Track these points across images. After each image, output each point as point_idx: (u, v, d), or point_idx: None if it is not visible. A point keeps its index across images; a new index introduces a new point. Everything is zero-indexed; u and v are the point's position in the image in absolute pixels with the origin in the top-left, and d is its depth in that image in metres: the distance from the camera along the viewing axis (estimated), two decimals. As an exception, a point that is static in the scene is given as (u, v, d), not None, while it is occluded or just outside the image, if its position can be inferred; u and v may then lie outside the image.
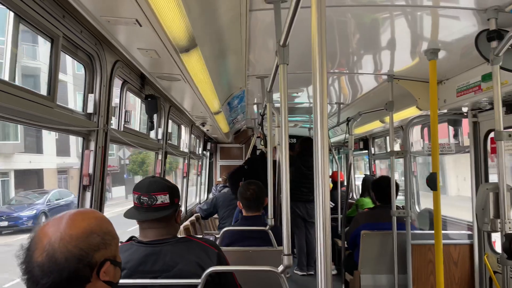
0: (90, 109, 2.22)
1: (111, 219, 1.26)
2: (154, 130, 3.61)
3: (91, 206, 2.20)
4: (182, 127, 5.28)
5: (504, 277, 2.56)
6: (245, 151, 7.98)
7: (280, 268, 1.80)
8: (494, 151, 3.34)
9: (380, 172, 7.16)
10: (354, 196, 7.32)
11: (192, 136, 5.83)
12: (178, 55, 2.18)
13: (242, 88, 4.14)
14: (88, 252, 1.12)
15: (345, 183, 6.19)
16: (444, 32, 2.44)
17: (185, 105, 4.16)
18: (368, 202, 5.47)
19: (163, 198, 1.78)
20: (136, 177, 30.17)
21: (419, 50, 2.75)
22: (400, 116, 4.02)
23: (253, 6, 2.09)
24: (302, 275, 5.63)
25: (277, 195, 4.11)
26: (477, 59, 2.53)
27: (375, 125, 5.19)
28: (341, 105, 5.03)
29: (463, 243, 3.52)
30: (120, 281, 1.65)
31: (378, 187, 4.02)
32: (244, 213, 3.05)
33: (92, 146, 2.24)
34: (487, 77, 2.66)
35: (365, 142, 6.85)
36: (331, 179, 7.12)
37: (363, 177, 6.50)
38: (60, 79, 1.99)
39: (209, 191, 7.90)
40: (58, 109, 1.87)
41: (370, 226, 3.74)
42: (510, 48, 2.07)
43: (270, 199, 2.90)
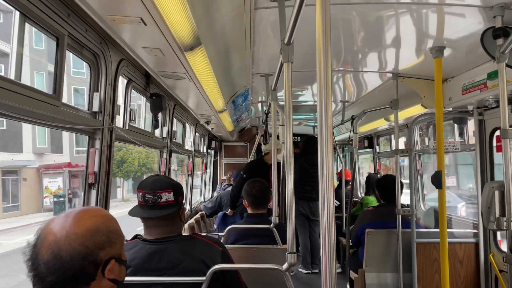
0: (96, 108, 2.23)
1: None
2: (159, 129, 3.62)
3: (97, 204, 2.22)
4: (187, 126, 5.29)
5: (510, 276, 2.55)
6: (250, 149, 7.99)
7: (285, 266, 1.80)
8: (500, 149, 3.32)
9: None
10: (359, 195, 7.31)
11: (197, 135, 5.84)
12: (183, 54, 2.18)
13: (247, 87, 4.14)
14: (94, 250, 1.13)
15: (350, 182, 6.19)
16: (450, 30, 2.42)
17: (190, 104, 4.16)
18: (373, 201, 5.46)
19: (168, 196, 1.79)
20: (113, 180, 26.30)
21: (424, 48, 2.74)
22: (405, 114, 4.00)
23: (258, 4, 2.09)
24: (307, 273, 5.63)
25: (282, 194, 4.11)
26: (483, 57, 2.52)
27: (380, 123, 5.17)
28: (346, 103, 5.02)
29: (469, 242, 3.50)
30: (126, 279, 1.67)
31: (382, 186, 4.01)
32: (250, 211, 3.05)
33: (98, 145, 2.25)
34: (493, 75, 2.64)
35: (370, 140, 6.83)
36: (337, 177, 7.12)
37: (367, 175, 6.49)
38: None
39: (214, 189, 7.92)
40: (64, 108, 1.88)
41: (375, 225, 3.74)
42: (517, 46, 2.05)
43: (275, 198, 2.91)
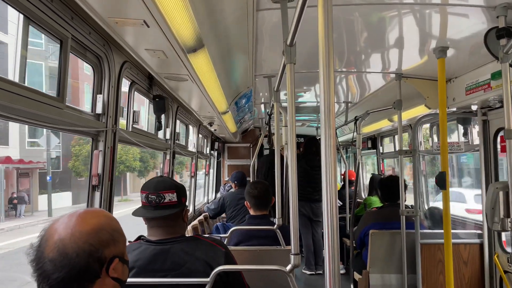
0: (99, 110, 2.24)
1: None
2: (162, 130, 3.63)
3: (100, 206, 2.22)
4: (190, 127, 5.30)
5: (515, 277, 2.53)
6: (253, 151, 7.99)
7: (289, 267, 1.80)
8: (504, 150, 3.31)
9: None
10: (363, 195, 7.29)
11: (200, 136, 5.85)
12: (186, 56, 2.19)
13: (250, 88, 4.14)
14: (98, 248, 1.15)
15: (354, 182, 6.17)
16: (453, 30, 2.42)
17: (193, 105, 4.17)
18: (376, 201, 5.45)
19: (171, 197, 1.80)
20: (81, 181, 20.84)
21: (428, 48, 2.74)
22: (409, 115, 4.00)
23: (260, 6, 2.09)
24: (311, 274, 5.63)
25: (285, 194, 4.10)
26: (486, 57, 2.51)
27: (383, 124, 5.16)
28: (349, 104, 5.01)
29: (473, 243, 3.48)
30: (130, 280, 1.67)
31: (385, 187, 4.00)
32: (252, 212, 3.05)
33: (101, 147, 2.25)
34: (497, 75, 2.63)
35: (373, 141, 6.81)
36: (342, 177, 7.10)
37: (371, 176, 6.47)
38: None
39: (217, 191, 7.92)
40: (67, 110, 1.88)
41: (379, 225, 3.73)
42: (520, 46, 2.04)
43: (278, 198, 2.91)
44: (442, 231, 2.87)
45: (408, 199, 4.47)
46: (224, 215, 5.23)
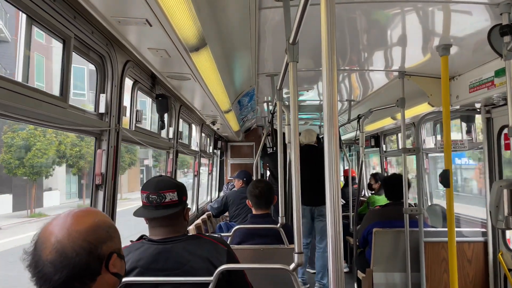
0: (102, 109, 2.24)
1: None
2: (165, 129, 3.63)
3: (104, 205, 2.23)
4: (193, 126, 5.30)
5: (519, 275, 2.52)
6: (256, 149, 7.99)
7: (292, 266, 1.80)
8: (508, 147, 3.30)
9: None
10: (366, 194, 7.28)
11: (203, 135, 5.85)
12: (188, 55, 2.19)
13: (252, 86, 4.14)
14: (97, 245, 1.16)
15: (357, 181, 6.17)
16: (456, 28, 2.41)
17: (196, 104, 4.18)
18: (379, 200, 5.44)
19: (172, 196, 1.80)
20: (16, 181, 16.90)
21: (431, 46, 2.72)
22: (412, 113, 3.98)
23: (263, 4, 2.09)
24: (314, 273, 5.62)
25: (288, 193, 4.10)
26: (490, 54, 2.50)
27: (387, 122, 5.15)
28: (352, 102, 5.00)
29: (477, 241, 3.47)
30: (133, 279, 1.68)
31: (389, 185, 3.99)
32: (254, 212, 3.05)
33: (104, 146, 2.26)
34: (500, 73, 2.62)
35: (377, 139, 6.80)
36: (343, 176, 7.09)
37: (375, 174, 6.46)
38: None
39: (220, 189, 7.93)
40: (71, 110, 1.89)
41: (382, 224, 3.72)
42: (524, 43, 2.03)
43: (281, 197, 2.90)
44: (446, 229, 2.86)
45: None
46: (227, 214, 5.24)
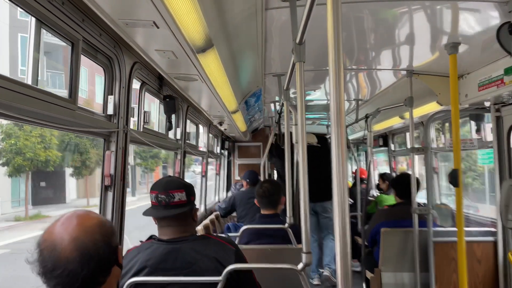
0: (110, 111, 2.26)
1: None
2: (173, 130, 3.65)
3: (113, 206, 2.25)
4: (200, 127, 5.32)
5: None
6: (263, 150, 7.99)
7: (300, 266, 1.80)
8: (519, 146, 3.26)
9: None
10: (374, 193, 7.25)
11: (210, 136, 5.87)
12: (195, 56, 2.20)
13: (259, 87, 4.14)
14: (110, 237, 1.21)
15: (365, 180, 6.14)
16: (465, 26, 2.39)
17: (203, 105, 4.19)
18: (387, 199, 5.41)
19: (180, 196, 1.81)
20: None
21: (439, 44, 2.70)
22: (420, 112, 3.95)
23: (269, 5, 2.09)
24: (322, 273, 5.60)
25: (296, 193, 4.09)
26: (499, 52, 2.47)
27: (395, 121, 5.12)
28: (360, 102, 4.98)
29: (487, 241, 3.44)
30: (143, 279, 1.69)
31: (401, 184, 3.96)
32: (262, 212, 3.06)
33: (113, 147, 2.28)
34: (510, 71, 2.59)
35: (385, 139, 6.76)
36: (353, 175, 7.06)
37: (383, 174, 6.43)
38: None
39: (228, 190, 7.94)
40: (80, 112, 1.91)
41: (390, 224, 3.70)
42: (534, 40, 2.01)
43: (289, 197, 2.90)
44: (455, 229, 2.84)
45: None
46: (235, 214, 5.25)
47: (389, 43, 2.83)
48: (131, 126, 2.46)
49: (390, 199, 5.21)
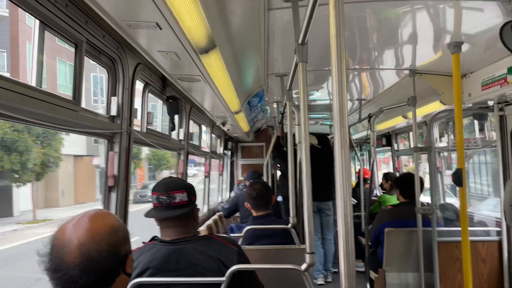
0: (114, 112, 2.27)
1: None
2: (176, 131, 3.66)
3: (117, 206, 2.25)
4: (203, 127, 5.33)
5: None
6: (266, 150, 7.99)
7: (303, 266, 1.80)
8: (523, 145, 3.24)
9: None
10: (377, 193, 7.23)
11: (213, 136, 5.87)
12: (198, 57, 2.20)
13: (262, 87, 4.14)
14: (119, 247, 1.19)
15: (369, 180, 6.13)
16: (468, 25, 2.38)
17: (206, 106, 4.20)
18: (391, 199, 5.40)
19: (181, 196, 1.82)
20: None
21: (442, 44, 2.70)
22: (424, 111, 3.95)
23: (271, 5, 2.09)
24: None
25: (298, 193, 4.09)
26: (502, 51, 2.46)
27: (398, 121, 5.10)
28: (363, 101, 4.97)
29: (491, 240, 3.42)
30: (146, 280, 1.70)
31: (406, 183, 3.95)
32: (254, 213, 3.05)
33: (116, 148, 2.29)
34: (514, 69, 2.58)
35: (388, 138, 6.75)
36: (356, 175, 7.04)
37: (387, 174, 6.42)
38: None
39: (231, 190, 7.95)
40: (83, 113, 1.92)
41: (394, 224, 3.69)
42: (537, 39, 2.00)
43: (292, 197, 2.90)
44: (459, 229, 2.83)
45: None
46: (238, 215, 5.25)
47: (392, 43, 2.83)
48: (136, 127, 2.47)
49: (393, 199, 5.20)
